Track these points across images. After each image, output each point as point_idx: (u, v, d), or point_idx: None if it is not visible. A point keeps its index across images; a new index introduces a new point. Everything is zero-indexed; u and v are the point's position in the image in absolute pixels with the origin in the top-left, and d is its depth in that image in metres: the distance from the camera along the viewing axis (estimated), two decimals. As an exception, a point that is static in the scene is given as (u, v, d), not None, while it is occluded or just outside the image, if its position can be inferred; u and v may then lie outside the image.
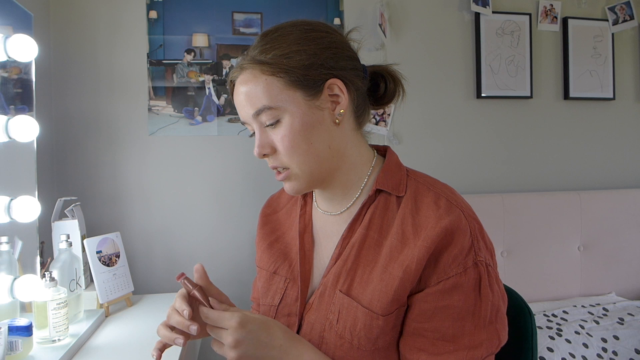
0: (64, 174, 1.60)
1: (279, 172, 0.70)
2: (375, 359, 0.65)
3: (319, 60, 0.66)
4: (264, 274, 0.81)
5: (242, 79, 0.67)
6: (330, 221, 0.76)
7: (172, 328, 0.64)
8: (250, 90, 0.66)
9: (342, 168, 0.71)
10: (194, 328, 0.61)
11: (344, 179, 0.72)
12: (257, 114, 0.66)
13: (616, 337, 1.41)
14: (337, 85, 0.67)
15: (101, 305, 1.26)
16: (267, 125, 0.67)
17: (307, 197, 0.82)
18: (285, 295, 0.75)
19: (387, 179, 0.71)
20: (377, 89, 0.75)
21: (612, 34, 2.01)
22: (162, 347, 0.65)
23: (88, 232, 1.43)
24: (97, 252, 1.28)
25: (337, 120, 0.68)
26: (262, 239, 0.85)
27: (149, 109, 1.67)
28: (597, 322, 1.49)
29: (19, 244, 1.09)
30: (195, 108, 1.70)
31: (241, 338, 0.60)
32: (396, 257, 0.65)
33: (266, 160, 0.70)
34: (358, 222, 0.71)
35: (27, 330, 0.91)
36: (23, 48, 1.01)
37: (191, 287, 0.64)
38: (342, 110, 0.68)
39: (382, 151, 0.78)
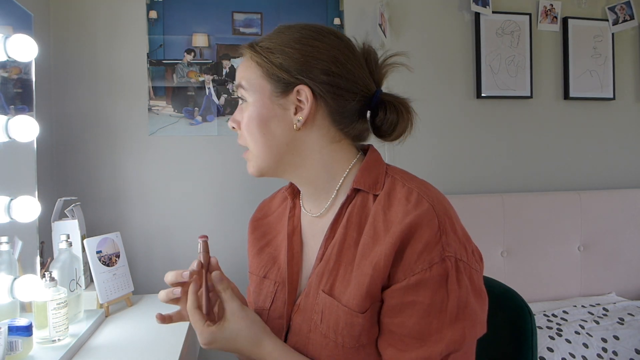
0: (64, 174, 1.60)
1: (246, 151, 0.76)
2: (360, 356, 0.65)
3: (298, 65, 0.69)
4: (255, 279, 0.82)
5: (243, 56, 0.75)
6: (314, 222, 0.77)
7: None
8: (241, 67, 0.74)
9: (305, 166, 0.73)
10: (177, 291, 0.74)
11: (312, 177, 0.74)
12: (237, 87, 0.74)
13: (616, 337, 1.41)
14: (304, 93, 0.69)
15: (101, 305, 1.25)
16: (241, 102, 0.74)
17: (296, 200, 0.83)
18: (275, 298, 0.76)
19: (364, 177, 0.71)
20: (376, 117, 0.76)
21: (612, 34, 2.01)
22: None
23: (88, 232, 1.43)
24: (97, 252, 1.28)
25: (295, 125, 0.70)
26: (252, 244, 0.86)
27: (149, 109, 1.67)
28: (597, 322, 1.49)
29: (19, 244, 1.09)
30: (195, 108, 1.70)
31: (207, 348, 0.69)
32: (368, 255, 0.66)
33: None
34: (338, 222, 0.72)
35: (27, 330, 0.91)
36: (23, 48, 1.01)
37: (202, 250, 0.70)
38: (300, 118, 0.69)
39: (367, 150, 0.79)
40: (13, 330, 0.89)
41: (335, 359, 0.65)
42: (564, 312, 1.58)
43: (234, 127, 0.75)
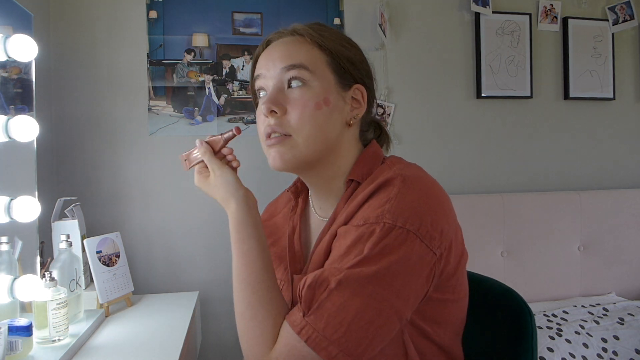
0: (64, 174, 1.60)
1: (272, 138, 0.69)
2: None
3: (360, 65, 0.73)
4: None
5: (288, 39, 0.70)
6: (321, 224, 0.77)
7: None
8: (294, 48, 0.69)
9: (333, 166, 0.73)
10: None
11: (332, 177, 0.74)
12: (289, 68, 0.67)
13: (616, 337, 1.41)
14: (361, 92, 0.73)
15: (101, 305, 1.25)
16: (290, 86, 0.68)
17: (299, 199, 0.83)
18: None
19: (359, 169, 0.72)
20: (374, 131, 0.81)
21: (612, 34, 2.01)
22: None
23: (88, 232, 1.43)
24: (97, 252, 1.28)
25: (350, 122, 0.72)
26: None
27: (149, 109, 1.67)
28: (597, 322, 1.49)
29: (19, 244, 1.09)
30: (195, 108, 1.70)
31: (198, 186, 0.76)
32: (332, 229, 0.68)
33: (269, 120, 0.69)
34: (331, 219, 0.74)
35: (27, 330, 0.91)
36: (23, 48, 1.01)
37: (226, 136, 0.74)
38: (357, 115, 0.72)
39: None
40: (13, 330, 0.89)
41: None
42: (564, 312, 1.58)
43: (274, 112, 0.67)
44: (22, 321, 0.91)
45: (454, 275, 0.67)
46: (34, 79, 1.19)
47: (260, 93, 0.73)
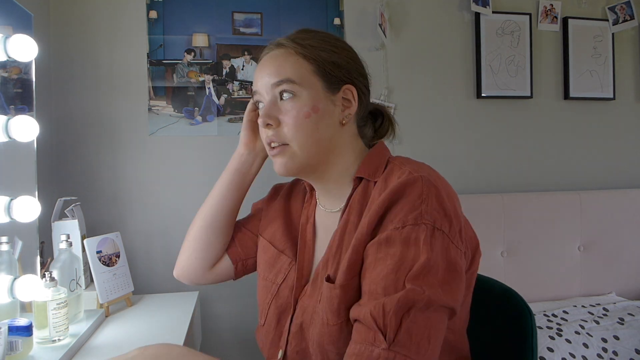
0: (64, 174, 1.60)
1: (274, 148, 0.74)
2: (343, 335, 0.65)
3: (345, 65, 0.75)
4: (271, 250, 0.85)
5: (275, 53, 0.75)
6: (328, 216, 0.80)
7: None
8: (280, 63, 0.73)
9: (336, 165, 0.76)
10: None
11: (337, 176, 0.77)
12: (278, 84, 0.73)
13: (616, 337, 1.41)
14: (351, 92, 0.75)
15: (101, 305, 1.25)
16: (282, 99, 0.73)
17: (313, 190, 0.86)
18: (287, 277, 0.80)
19: (366, 166, 0.75)
20: (375, 121, 0.85)
21: (612, 34, 2.01)
22: None
23: (88, 232, 1.43)
24: (97, 252, 1.28)
25: (343, 121, 0.75)
26: (276, 211, 0.90)
27: (149, 109, 1.67)
28: (597, 322, 1.49)
29: (19, 244, 1.09)
30: (195, 108, 1.70)
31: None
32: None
33: (267, 131, 0.74)
34: (345, 212, 0.75)
35: (27, 330, 0.91)
36: (23, 48, 1.01)
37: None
38: (349, 114, 0.75)
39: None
40: (13, 330, 0.89)
41: (331, 341, 0.66)
42: (564, 312, 1.58)
43: (269, 124, 0.73)
44: (22, 321, 0.91)
45: (469, 269, 0.71)
46: (34, 79, 1.19)
47: (259, 105, 0.78)
